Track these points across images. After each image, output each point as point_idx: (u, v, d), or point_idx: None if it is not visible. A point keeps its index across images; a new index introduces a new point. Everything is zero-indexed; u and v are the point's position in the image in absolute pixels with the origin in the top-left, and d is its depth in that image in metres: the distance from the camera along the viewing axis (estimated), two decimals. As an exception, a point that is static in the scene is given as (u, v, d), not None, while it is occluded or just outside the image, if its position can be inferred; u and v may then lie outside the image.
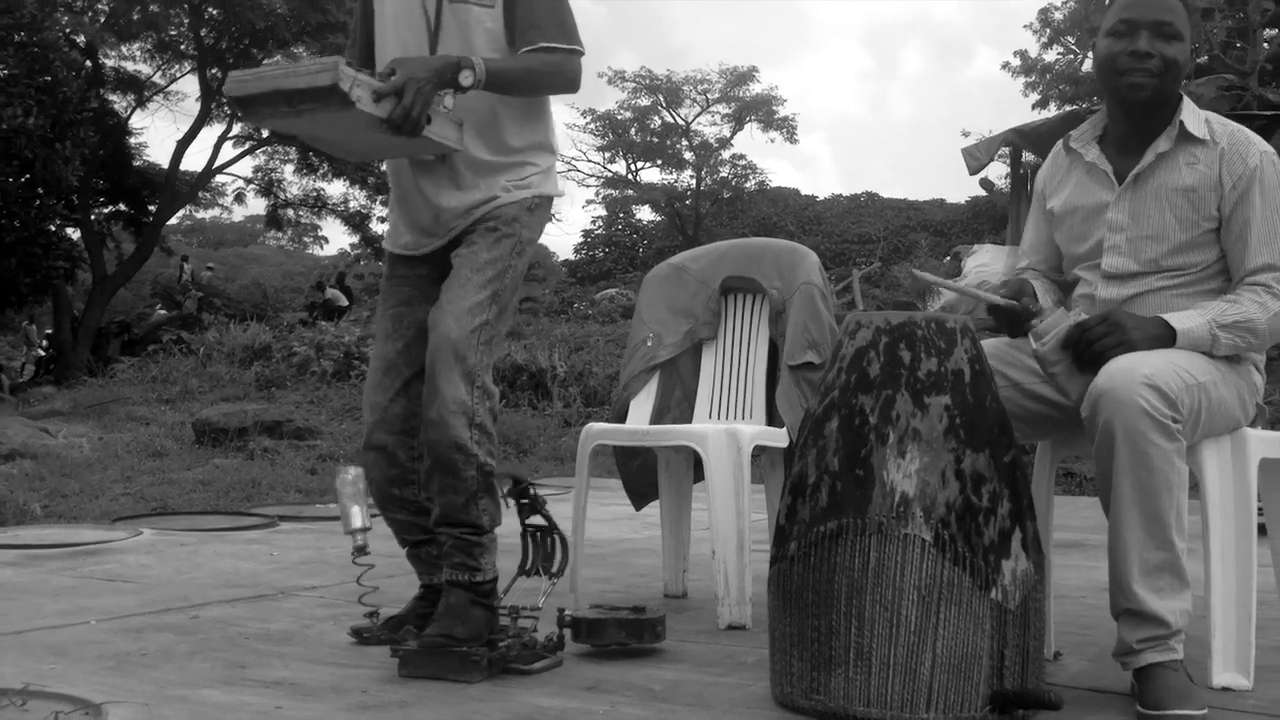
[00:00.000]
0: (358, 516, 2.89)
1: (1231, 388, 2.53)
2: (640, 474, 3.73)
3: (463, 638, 2.68)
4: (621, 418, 3.61)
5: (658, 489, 3.71)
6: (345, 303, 24.19)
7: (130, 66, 25.70)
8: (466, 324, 2.76)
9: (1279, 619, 3.02)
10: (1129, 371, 2.33)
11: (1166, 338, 2.47)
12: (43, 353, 24.98)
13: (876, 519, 2.29)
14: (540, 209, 2.94)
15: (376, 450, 3.00)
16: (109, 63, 24.98)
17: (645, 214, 38.69)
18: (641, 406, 3.61)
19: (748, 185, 37.25)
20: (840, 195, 37.93)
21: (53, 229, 18.84)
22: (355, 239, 29.50)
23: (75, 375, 16.87)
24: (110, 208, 25.84)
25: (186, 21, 24.48)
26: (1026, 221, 2.96)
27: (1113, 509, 2.37)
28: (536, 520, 2.90)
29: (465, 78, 2.68)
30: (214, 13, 24.11)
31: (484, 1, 2.83)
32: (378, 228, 27.60)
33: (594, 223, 38.88)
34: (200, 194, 28.42)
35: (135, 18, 23.76)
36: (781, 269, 3.58)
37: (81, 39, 22.14)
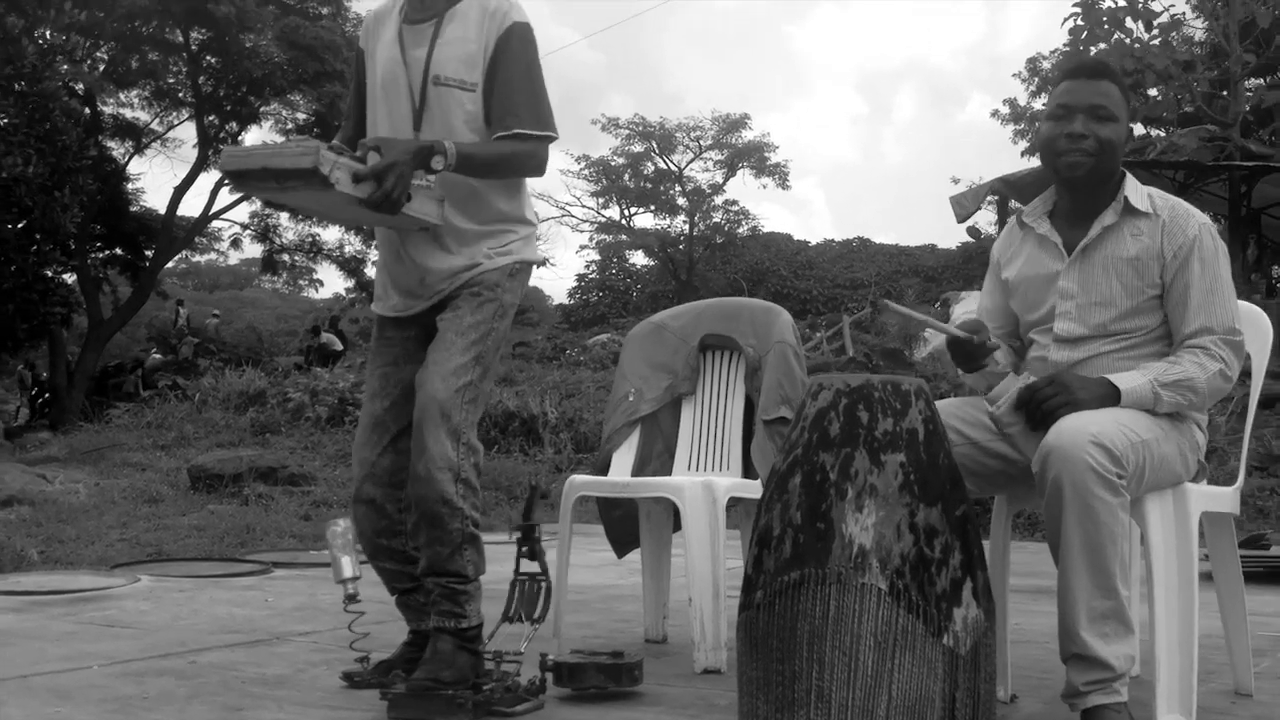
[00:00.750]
0: (348, 566, 3.04)
1: (1174, 444, 2.69)
2: (622, 523, 3.88)
3: (449, 681, 2.83)
4: (604, 469, 3.77)
5: (639, 538, 3.85)
6: (340, 347, 24.32)
7: (129, 114, 26.00)
8: (452, 384, 2.92)
9: (1224, 663, 3.16)
10: (1077, 430, 2.49)
11: (1111, 396, 2.64)
12: (38, 396, 25.09)
13: (836, 569, 2.44)
14: (521, 274, 3.11)
15: (366, 504, 3.15)
16: (108, 110, 25.28)
17: (639, 259, 39.01)
18: (623, 458, 3.77)
19: (740, 230, 37.58)
20: (833, 240, 38.29)
21: (50, 274, 19.00)
22: (350, 283, 29.70)
23: (70, 420, 17.00)
24: (107, 252, 26.03)
25: (185, 70, 24.77)
26: (983, 289, 3.13)
27: (1061, 559, 2.53)
28: (531, 567, 3.05)
29: (437, 162, 2.86)
30: (212, 61, 24.42)
31: (466, 85, 3.01)
32: (372, 271, 27.80)
33: (588, 267, 39.20)
34: (197, 239, 28.62)
35: (134, 66, 24.06)
36: (757, 328, 3.75)
37: (81, 87, 22.41)
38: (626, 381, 3.86)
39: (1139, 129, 22.17)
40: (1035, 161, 27.41)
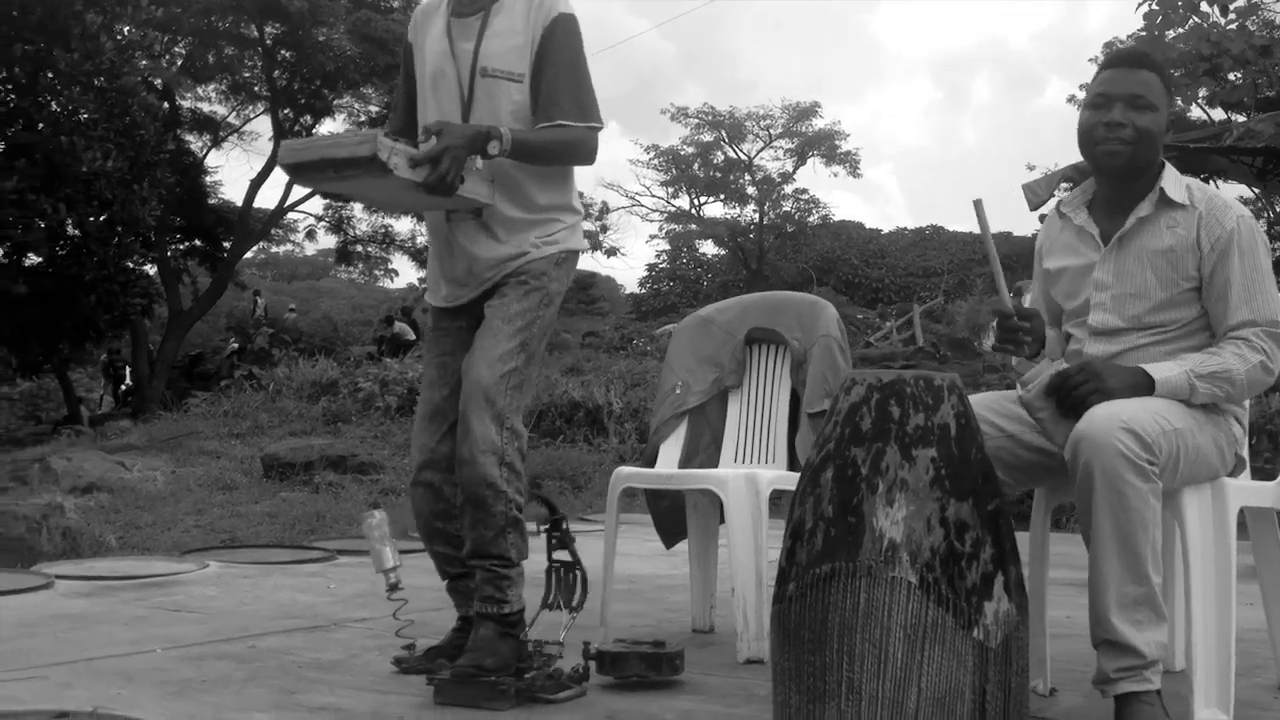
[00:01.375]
0: (389, 556, 3.13)
1: (1209, 437, 2.70)
2: (670, 514, 3.93)
3: (491, 668, 2.90)
4: (652, 461, 3.83)
5: (686, 529, 3.91)
6: (412, 336, 24.60)
7: (206, 108, 26.51)
8: (497, 370, 3.00)
9: (1269, 658, 3.15)
10: (1108, 417, 2.51)
11: (1145, 385, 2.65)
12: (121, 384, 25.64)
13: (866, 562, 2.48)
14: (567, 263, 3.18)
15: (424, 486, 3.24)
16: (186, 104, 25.77)
17: (708, 248, 39.01)
18: (671, 450, 3.82)
19: (810, 219, 37.44)
20: (905, 229, 38.01)
21: (130, 266, 19.41)
22: (423, 273, 30.04)
23: (151, 408, 17.38)
24: (187, 244, 26.51)
25: (260, 64, 25.16)
26: (1032, 279, 3.15)
27: (1092, 545, 2.55)
28: (563, 555, 3.12)
29: (493, 147, 2.93)
30: (286, 55, 24.77)
31: (513, 76, 3.08)
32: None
33: (658, 256, 39.26)
34: (273, 230, 29.08)
35: (211, 60, 24.49)
36: (802, 321, 3.78)
37: (159, 82, 22.84)
38: (674, 374, 3.91)
39: (1218, 114, 21.80)
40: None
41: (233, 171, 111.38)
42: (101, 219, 18.04)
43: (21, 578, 4.89)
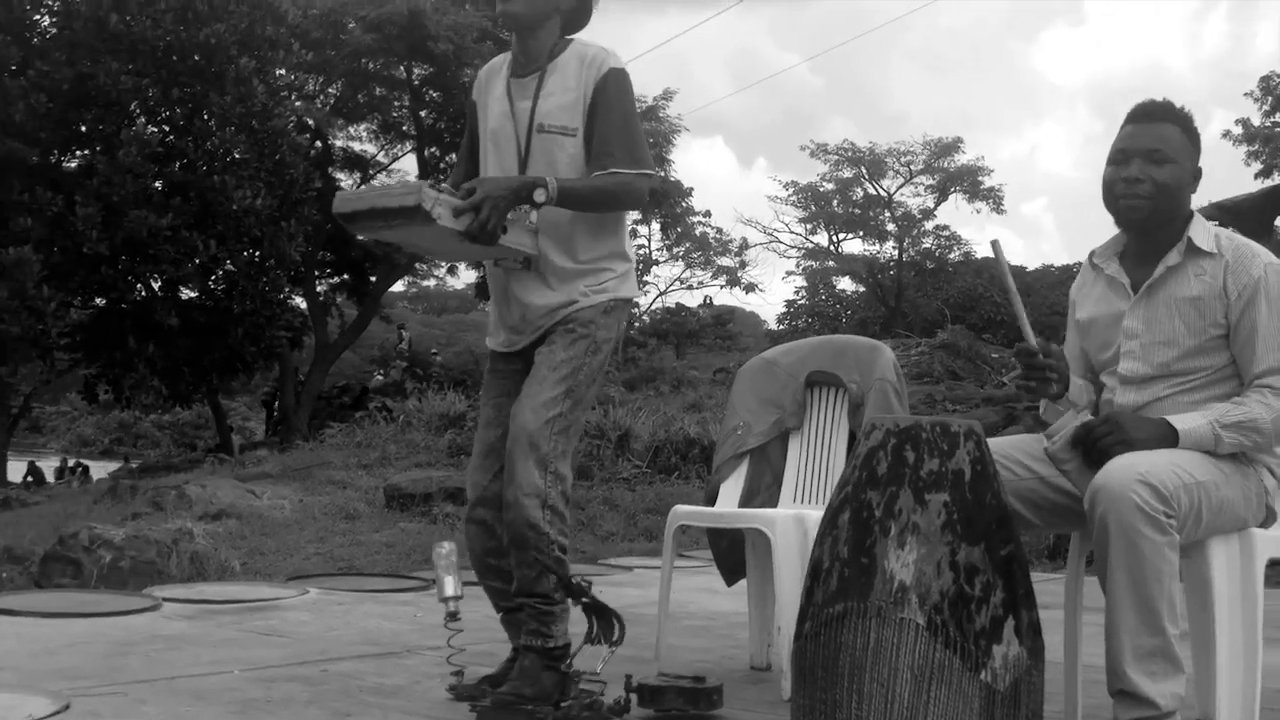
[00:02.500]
0: (450, 585, 3.27)
1: (1237, 488, 2.69)
2: (730, 552, 4.01)
3: (530, 697, 3.02)
4: (712, 500, 3.92)
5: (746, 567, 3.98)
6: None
7: (357, 146, 27.41)
8: (542, 415, 3.13)
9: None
10: (1125, 469, 2.54)
11: (1169, 437, 2.66)
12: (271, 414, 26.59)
13: (877, 603, 2.53)
14: (616, 310, 3.30)
15: (477, 524, 3.39)
16: (337, 143, 26.69)
17: (846, 284, 38.84)
18: (731, 489, 3.91)
19: (951, 255, 37.01)
20: (1053, 266, 37.29)
21: (278, 300, 20.18)
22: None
23: (293, 439, 17.99)
24: (336, 279, 27.40)
25: (408, 104, 25.93)
26: (1067, 330, 3.17)
27: (1108, 596, 2.57)
28: (586, 601, 3.22)
29: (539, 195, 3.08)
30: (433, 95, 25.50)
31: (567, 131, 3.22)
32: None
33: (797, 293, 39.20)
34: (417, 265, 29.83)
35: (361, 101, 25.35)
36: (861, 365, 3.84)
37: (311, 122, 23.72)
38: (736, 415, 4.00)
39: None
40: (1260, 183, 26.29)
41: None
42: (252, 255, 18.83)
43: (132, 599, 5.18)
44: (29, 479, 26.40)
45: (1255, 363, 2.74)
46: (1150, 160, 2.78)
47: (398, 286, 32.19)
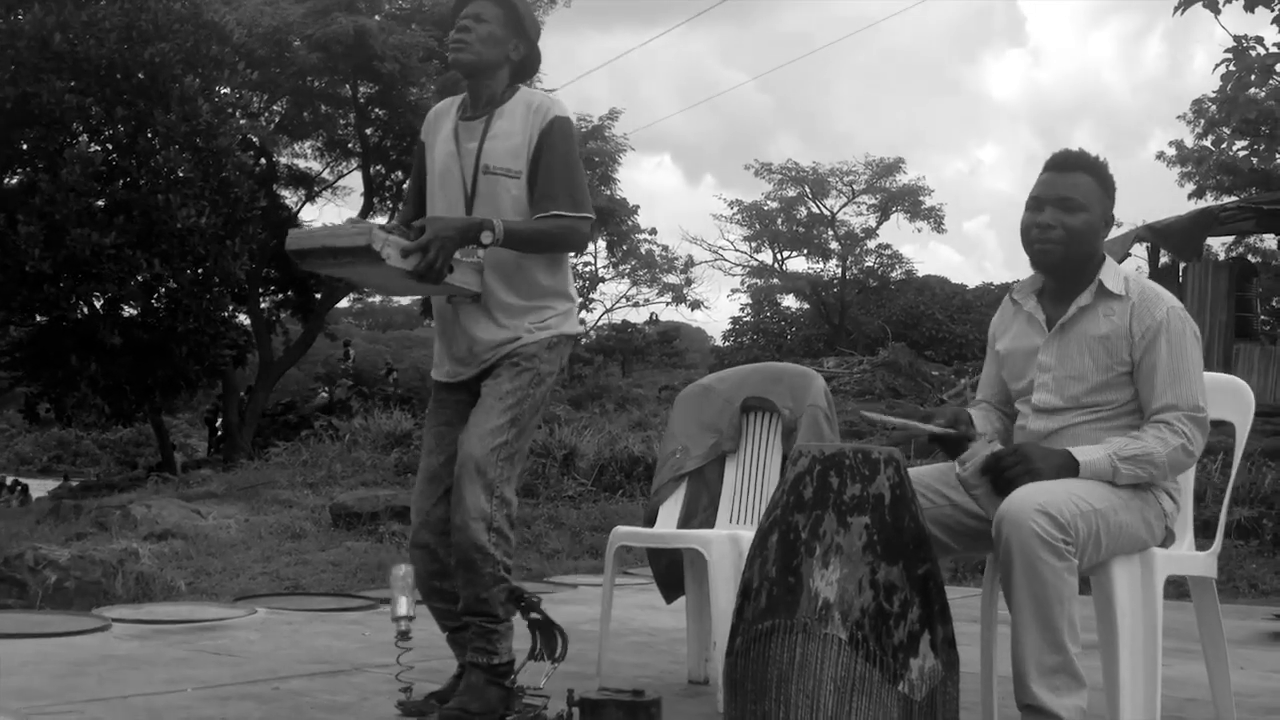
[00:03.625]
0: (403, 606, 3.39)
1: (1136, 513, 2.89)
2: (669, 571, 4.17)
3: (475, 712, 3.17)
4: (651, 521, 4.08)
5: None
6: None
7: (302, 164, 27.37)
8: (488, 443, 3.28)
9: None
10: (1026, 499, 2.73)
11: (1070, 468, 2.86)
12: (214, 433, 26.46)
13: (802, 620, 2.71)
14: (559, 346, 3.45)
15: (421, 548, 3.53)
16: (282, 161, 26.66)
17: (790, 301, 39.21)
18: (669, 510, 4.08)
19: (894, 274, 37.49)
20: (992, 285, 37.82)
21: (223, 318, 20.13)
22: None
23: (237, 457, 17.95)
24: (280, 296, 27.32)
25: (353, 122, 25.96)
26: (985, 361, 3.37)
27: (1013, 616, 2.76)
28: (535, 616, 3.38)
29: (485, 237, 3.23)
30: (379, 113, 25.53)
31: (511, 173, 3.38)
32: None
33: (742, 310, 39.52)
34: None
35: (306, 119, 25.35)
36: (794, 391, 4.02)
37: (256, 140, 23.70)
38: (675, 439, 4.17)
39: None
40: (1205, 203, 26.86)
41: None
42: (196, 274, 18.78)
43: (82, 620, 5.26)
44: (-34, 498, 26.11)
45: (1155, 399, 2.94)
46: (1063, 208, 2.98)
47: (343, 303, 32.15)
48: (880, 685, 2.66)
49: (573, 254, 3.49)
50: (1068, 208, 2.98)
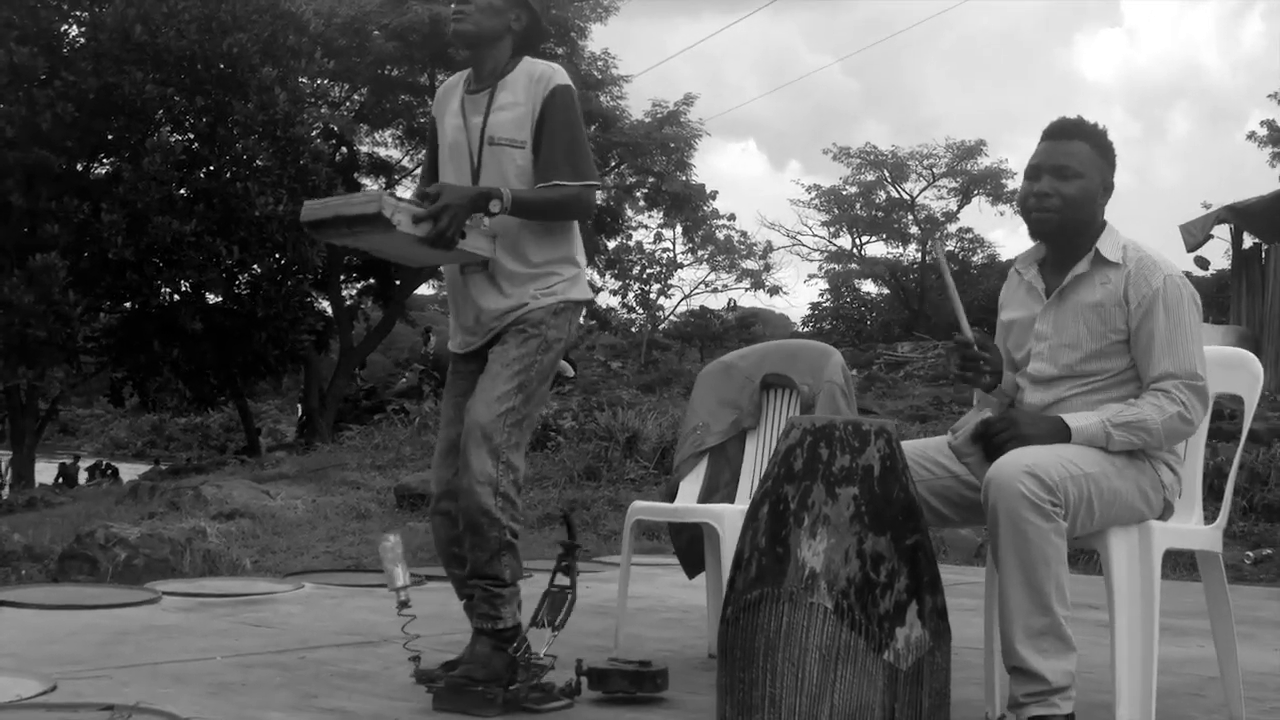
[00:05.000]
0: (400, 576, 3.45)
1: (1130, 481, 2.87)
2: (691, 546, 4.20)
3: (480, 679, 3.23)
4: (673, 496, 4.11)
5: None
6: (571, 373, 25.16)
7: (382, 152, 27.73)
8: (495, 409, 3.33)
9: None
10: (1014, 462, 2.73)
11: (1061, 433, 2.85)
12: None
13: (789, 589, 2.72)
14: (566, 312, 3.49)
15: (441, 515, 3.59)
16: (363, 149, 27.01)
17: (869, 286, 38.92)
18: (690, 486, 4.10)
19: (975, 259, 37.04)
20: (1077, 268, 37.23)
21: (303, 303, 20.50)
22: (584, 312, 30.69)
23: (314, 441, 18.27)
24: (361, 283, 27.71)
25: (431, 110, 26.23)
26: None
27: (1000, 579, 2.77)
28: (562, 580, 3.43)
29: (494, 205, 3.29)
30: (455, 101, 25.78)
31: (515, 143, 3.43)
32: (602, 300, 28.68)
33: (821, 295, 39.31)
34: (440, 268, 30.09)
35: (386, 107, 25.67)
36: (812, 368, 4.03)
37: (336, 129, 24.05)
38: (696, 416, 4.19)
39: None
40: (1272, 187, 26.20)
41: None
42: (275, 260, 19.14)
43: (133, 593, 5.41)
44: (60, 481, 26.86)
45: (1151, 367, 2.91)
46: (1059, 176, 2.96)
47: (426, 290, 32.52)
48: (865, 654, 2.67)
49: (580, 219, 3.54)
50: (1064, 175, 2.96)
